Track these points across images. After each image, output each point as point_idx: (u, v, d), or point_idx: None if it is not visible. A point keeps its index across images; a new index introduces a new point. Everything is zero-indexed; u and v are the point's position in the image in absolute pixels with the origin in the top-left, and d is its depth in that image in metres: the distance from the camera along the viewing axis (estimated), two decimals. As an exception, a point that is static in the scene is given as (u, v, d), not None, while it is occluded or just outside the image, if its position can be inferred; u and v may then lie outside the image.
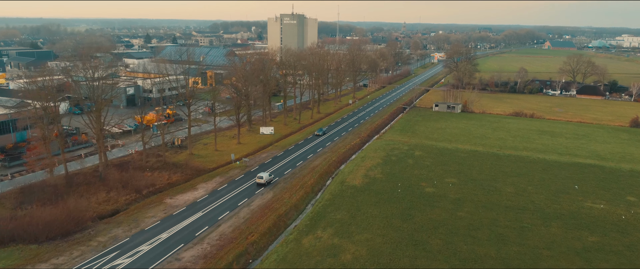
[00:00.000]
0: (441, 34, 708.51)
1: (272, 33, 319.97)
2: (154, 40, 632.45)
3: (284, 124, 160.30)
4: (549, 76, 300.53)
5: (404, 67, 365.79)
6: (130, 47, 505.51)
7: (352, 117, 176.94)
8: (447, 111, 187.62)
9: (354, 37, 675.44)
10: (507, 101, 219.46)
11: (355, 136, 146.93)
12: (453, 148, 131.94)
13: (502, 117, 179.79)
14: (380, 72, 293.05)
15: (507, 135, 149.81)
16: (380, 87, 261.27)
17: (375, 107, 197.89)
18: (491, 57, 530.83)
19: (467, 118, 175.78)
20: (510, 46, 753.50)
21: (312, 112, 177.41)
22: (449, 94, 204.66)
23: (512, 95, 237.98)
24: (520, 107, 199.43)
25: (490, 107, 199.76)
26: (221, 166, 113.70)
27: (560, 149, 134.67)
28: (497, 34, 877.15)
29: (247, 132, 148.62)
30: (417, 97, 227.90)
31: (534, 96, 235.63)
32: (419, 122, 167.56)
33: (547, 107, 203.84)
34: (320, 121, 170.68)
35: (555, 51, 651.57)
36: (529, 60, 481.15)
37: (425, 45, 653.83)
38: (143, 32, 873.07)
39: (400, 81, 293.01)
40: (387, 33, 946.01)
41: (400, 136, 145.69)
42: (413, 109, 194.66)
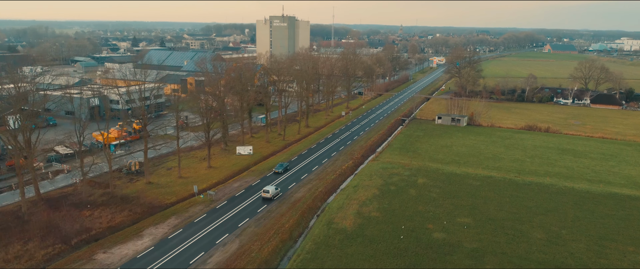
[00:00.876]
0: (439, 37, 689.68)
1: (261, 36, 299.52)
2: (143, 43, 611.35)
3: (266, 142, 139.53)
4: (559, 83, 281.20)
5: (402, 72, 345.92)
6: (115, 51, 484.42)
7: (345, 132, 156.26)
8: (452, 125, 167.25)
9: (350, 40, 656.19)
10: (516, 111, 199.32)
11: (348, 156, 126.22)
12: (462, 173, 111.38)
13: (514, 131, 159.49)
14: (376, 79, 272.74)
15: (523, 155, 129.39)
16: (377, 95, 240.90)
17: (371, 120, 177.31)
18: (492, 61, 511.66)
19: (474, 133, 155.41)
20: (510, 49, 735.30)
21: (300, 126, 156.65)
22: (452, 103, 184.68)
23: (520, 104, 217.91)
24: (532, 119, 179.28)
25: (499, 119, 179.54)
26: (181, 201, 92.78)
27: (589, 173, 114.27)
28: (495, 37, 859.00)
29: (222, 152, 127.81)
30: (417, 106, 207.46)
31: (544, 106, 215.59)
32: (421, 138, 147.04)
33: (561, 119, 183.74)
34: (309, 136, 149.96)
35: (557, 55, 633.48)
36: (531, 64, 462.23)
37: (423, 48, 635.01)
38: (136, 35, 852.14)
39: (398, 87, 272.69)
40: (384, 36, 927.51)
41: (399, 157, 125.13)
42: (413, 121, 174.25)
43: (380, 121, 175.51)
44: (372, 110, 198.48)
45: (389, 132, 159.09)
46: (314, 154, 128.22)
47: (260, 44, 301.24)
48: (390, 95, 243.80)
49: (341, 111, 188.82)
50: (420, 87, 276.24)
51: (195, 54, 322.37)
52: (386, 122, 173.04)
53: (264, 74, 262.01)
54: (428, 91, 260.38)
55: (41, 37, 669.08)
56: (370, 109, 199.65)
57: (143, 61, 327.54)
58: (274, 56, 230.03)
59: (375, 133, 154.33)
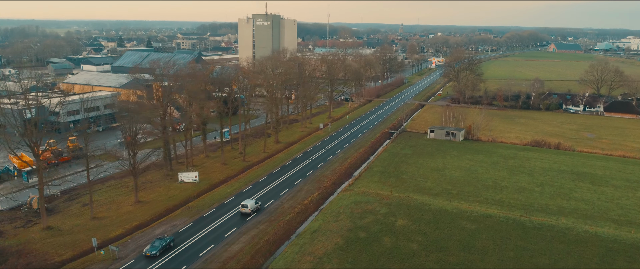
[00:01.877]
0: (439, 36, 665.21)
1: (244, 37, 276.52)
2: (132, 42, 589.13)
3: (222, 164, 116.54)
4: (567, 87, 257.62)
5: (397, 74, 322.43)
6: (99, 51, 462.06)
7: (320, 149, 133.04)
8: (446, 140, 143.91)
9: (347, 39, 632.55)
10: (521, 121, 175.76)
11: (315, 185, 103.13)
12: (455, 211, 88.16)
13: (519, 149, 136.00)
14: (367, 82, 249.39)
15: (530, 182, 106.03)
16: (366, 101, 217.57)
17: (353, 133, 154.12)
18: (494, 61, 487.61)
19: (472, 151, 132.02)
20: (513, 49, 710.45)
21: (265, 143, 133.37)
22: (449, 112, 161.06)
23: (525, 112, 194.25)
24: (539, 132, 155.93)
25: (501, 131, 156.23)
26: (78, 257, 69.96)
27: (614, 210, 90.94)
28: (498, 36, 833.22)
29: (164, 178, 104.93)
30: (408, 116, 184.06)
31: (552, 114, 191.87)
32: (408, 158, 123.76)
33: (572, 131, 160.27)
34: (275, 155, 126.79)
35: (562, 54, 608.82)
36: (536, 65, 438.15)
37: (423, 48, 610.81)
38: (124, 35, 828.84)
39: (391, 92, 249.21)
40: (383, 35, 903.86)
41: (379, 185, 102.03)
42: (402, 135, 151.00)
43: (364, 134, 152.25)
44: (357, 120, 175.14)
45: (372, 150, 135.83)
46: (274, 181, 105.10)
47: (243, 45, 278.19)
48: (381, 101, 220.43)
49: (320, 123, 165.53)
50: (416, 92, 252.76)
51: (174, 55, 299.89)
52: (371, 136, 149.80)
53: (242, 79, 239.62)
54: (423, 97, 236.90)
55: (28, 37, 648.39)
56: (355, 119, 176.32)
57: (118, 63, 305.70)
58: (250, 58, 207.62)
59: (355, 151, 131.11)
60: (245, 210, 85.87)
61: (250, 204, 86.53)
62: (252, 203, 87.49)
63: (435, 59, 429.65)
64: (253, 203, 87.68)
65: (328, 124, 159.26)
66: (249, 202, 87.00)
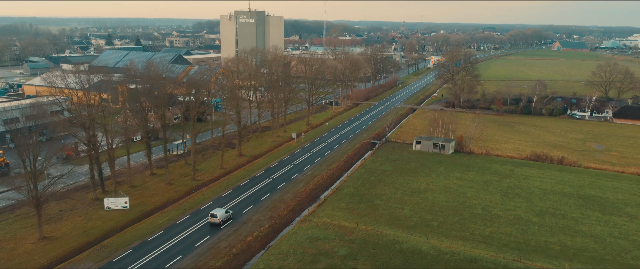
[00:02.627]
0: (440, 34, 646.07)
1: (226, 34, 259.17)
2: (124, 40, 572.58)
3: (167, 183, 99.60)
4: (572, 89, 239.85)
5: (392, 74, 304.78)
6: (85, 50, 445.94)
7: (286, 164, 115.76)
8: (434, 152, 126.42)
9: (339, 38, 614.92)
10: (520, 129, 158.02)
11: (267, 213, 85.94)
12: (431, 252, 70.89)
13: (516, 163, 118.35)
14: (357, 84, 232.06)
15: (527, 210, 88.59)
16: (352, 105, 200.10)
17: (330, 144, 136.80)
18: (495, 60, 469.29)
19: (462, 166, 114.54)
20: (516, 47, 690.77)
21: (223, 157, 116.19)
22: (438, 119, 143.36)
23: (526, 118, 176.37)
24: (540, 143, 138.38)
25: (497, 141, 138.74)
26: None
27: (631, 251, 73.46)
28: (501, 34, 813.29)
29: (91, 204, 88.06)
30: (396, 122, 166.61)
31: (556, 121, 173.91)
32: (387, 176, 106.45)
33: (578, 142, 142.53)
34: (233, 173, 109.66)
35: (566, 53, 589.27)
36: (539, 64, 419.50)
37: (424, 46, 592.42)
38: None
39: (382, 94, 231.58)
40: (384, 33, 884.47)
41: (345, 213, 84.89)
42: (385, 146, 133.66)
43: (342, 145, 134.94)
44: (338, 128, 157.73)
45: (348, 165, 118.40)
46: (220, 206, 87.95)
47: (225, 43, 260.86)
48: (369, 105, 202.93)
49: (292, 133, 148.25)
50: (409, 94, 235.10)
51: (153, 55, 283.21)
52: (349, 147, 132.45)
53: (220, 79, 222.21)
54: (416, 99, 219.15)
55: (20, 34, 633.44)
56: (335, 127, 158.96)
57: (96, 63, 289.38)
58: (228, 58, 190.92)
59: (326, 167, 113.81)
60: (215, 220, 79.73)
61: (219, 214, 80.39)
62: (222, 212, 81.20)
63: (434, 58, 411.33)
64: (223, 212, 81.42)
65: (302, 134, 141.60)
66: (218, 212, 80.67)
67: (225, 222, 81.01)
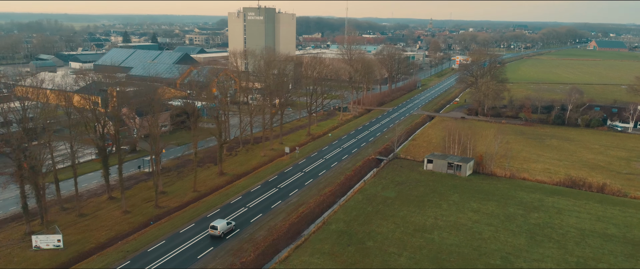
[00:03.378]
0: (468, 32, 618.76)
1: (234, 32, 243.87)
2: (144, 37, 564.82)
3: (123, 212, 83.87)
4: (612, 96, 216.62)
5: (412, 76, 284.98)
6: (100, 47, 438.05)
7: (270, 188, 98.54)
8: (448, 173, 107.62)
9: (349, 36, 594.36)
10: (552, 143, 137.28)
11: (228, 258, 68.98)
12: (428, 331, 52.79)
13: (547, 191, 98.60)
14: (372, 87, 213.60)
15: (561, 260, 69.47)
16: (364, 111, 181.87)
17: (328, 160, 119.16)
18: (526, 60, 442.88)
19: (480, 194, 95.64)
20: (549, 46, 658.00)
21: (196, 177, 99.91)
22: (457, 130, 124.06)
23: (559, 130, 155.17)
24: (576, 162, 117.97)
25: (524, 159, 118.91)
26: None
27: None
28: (533, 32, 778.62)
29: (22, 240, 72.96)
30: (409, 133, 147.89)
31: (594, 133, 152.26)
32: (388, 205, 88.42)
33: (621, 161, 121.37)
34: (205, 198, 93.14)
35: (603, 53, 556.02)
36: (573, 65, 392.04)
37: (451, 44, 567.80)
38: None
39: (398, 99, 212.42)
40: (410, 31, 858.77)
41: (326, 260, 67.65)
42: (393, 164, 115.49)
43: (342, 162, 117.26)
44: (342, 139, 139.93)
45: (344, 189, 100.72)
46: (172, 250, 71.47)
47: (233, 42, 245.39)
48: (383, 111, 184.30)
49: (293, 144, 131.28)
50: (429, 99, 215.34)
51: (160, 54, 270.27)
52: (350, 165, 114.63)
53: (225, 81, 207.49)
54: (436, 105, 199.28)
55: (43, 31, 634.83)
56: (340, 138, 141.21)
57: (101, 61, 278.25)
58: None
59: (318, 191, 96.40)
60: (215, 232, 74.93)
61: (220, 226, 75.48)
62: (224, 223, 76.25)
63: (460, 58, 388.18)
64: (225, 223, 76.46)
65: (296, 148, 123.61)
66: (219, 223, 75.79)
67: (226, 234, 76.01)
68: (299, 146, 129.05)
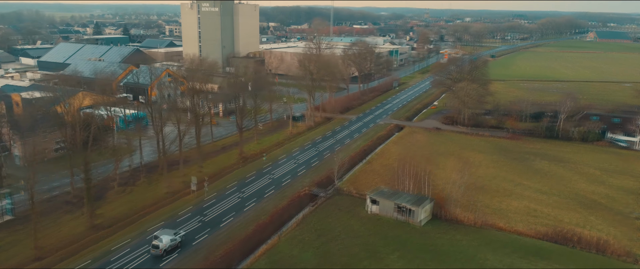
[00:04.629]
0: (459, 24, 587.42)
1: (187, 26, 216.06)
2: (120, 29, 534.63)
3: None
4: (613, 98, 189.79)
5: (392, 73, 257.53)
6: (67, 40, 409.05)
7: (142, 246, 71.80)
8: (398, 220, 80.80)
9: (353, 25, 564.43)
10: (540, 167, 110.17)
11: None
12: None
13: (525, 249, 71.93)
14: (336, 90, 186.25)
15: None
16: (322, 120, 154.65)
17: (249, 195, 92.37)
18: (523, 52, 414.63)
19: (434, 257, 69.05)
20: (547, 37, 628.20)
21: (35, 235, 73.11)
22: (424, 149, 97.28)
23: (549, 145, 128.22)
24: (568, 197, 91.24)
25: (502, 195, 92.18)
26: None
27: None
28: (532, 22, 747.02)
29: None
30: (365, 153, 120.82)
31: (591, 150, 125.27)
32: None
33: (628, 198, 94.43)
34: (43, 259, 66.51)
35: (604, 44, 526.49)
36: (571, 58, 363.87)
37: (443, 35, 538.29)
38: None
39: (369, 102, 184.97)
40: (405, 21, 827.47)
41: None
42: (331, 201, 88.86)
43: (262, 200, 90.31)
44: (279, 162, 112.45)
45: (246, 250, 73.28)
46: None
47: (187, 37, 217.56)
48: (346, 119, 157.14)
49: (216, 168, 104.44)
50: (404, 101, 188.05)
51: (109, 49, 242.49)
52: (271, 205, 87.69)
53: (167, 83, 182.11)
54: (410, 111, 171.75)
55: (23, 22, 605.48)
56: (276, 161, 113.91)
57: (46, 58, 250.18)
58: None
59: (206, 257, 69.57)
60: (156, 250, 67.20)
61: (165, 239, 68.18)
62: (168, 238, 68.74)
63: (449, 51, 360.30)
64: (170, 237, 69.06)
65: (205, 183, 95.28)
66: (164, 236, 68.64)
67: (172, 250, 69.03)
68: (223, 172, 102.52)
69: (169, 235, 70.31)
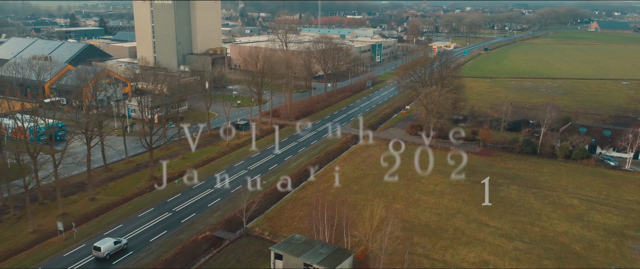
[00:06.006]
0: (453, 14, 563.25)
1: (140, 20, 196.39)
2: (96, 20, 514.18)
3: None
4: (609, 99, 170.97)
5: (371, 70, 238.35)
6: (38, 32, 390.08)
7: None
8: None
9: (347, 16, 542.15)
10: (508, 195, 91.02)
11: None
12: None
13: None
14: (291, 91, 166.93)
15: None
16: (271, 128, 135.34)
17: (138, 235, 73.94)
18: (518, 45, 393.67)
19: None
20: (547, 27, 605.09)
21: None
22: (388, 157, 77.83)
23: (527, 163, 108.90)
24: (536, 242, 72.43)
25: (451, 239, 73.36)
26: None
27: None
28: (533, 12, 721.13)
29: None
30: (304, 174, 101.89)
31: (575, 171, 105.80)
32: None
33: (610, 242, 75.34)
34: None
35: (605, 35, 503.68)
36: (570, 50, 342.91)
37: (438, 27, 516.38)
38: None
39: (332, 106, 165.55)
40: (400, 11, 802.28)
41: None
42: (235, 248, 70.42)
43: (149, 247, 71.79)
44: (195, 188, 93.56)
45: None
46: None
47: (140, 33, 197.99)
48: (299, 127, 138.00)
49: (114, 197, 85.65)
50: (373, 105, 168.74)
51: (60, 45, 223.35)
52: (152, 257, 69.11)
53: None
54: (377, 117, 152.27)
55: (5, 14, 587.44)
56: (192, 186, 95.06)
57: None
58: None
59: None
60: (98, 253, 66.24)
61: (104, 246, 66.85)
62: (110, 243, 67.83)
63: (438, 44, 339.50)
64: (111, 242, 67.97)
65: (73, 227, 75.70)
66: (103, 243, 67.32)
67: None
68: (117, 203, 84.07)
69: (112, 240, 68.85)
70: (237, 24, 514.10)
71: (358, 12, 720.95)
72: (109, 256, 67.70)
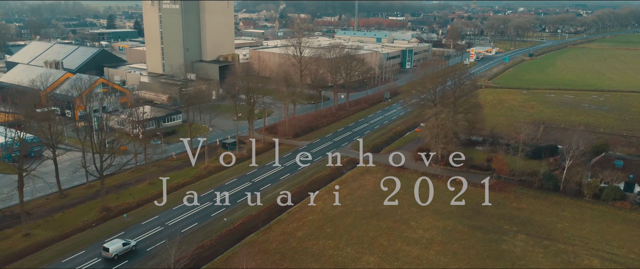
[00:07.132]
0: (497, 16, 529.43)
1: (149, 26, 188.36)
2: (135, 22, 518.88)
3: None
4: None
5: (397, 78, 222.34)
6: (75, 34, 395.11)
7: None
8: None
9: (389, 17, 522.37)
10: (511, 249, 74.21)
11: None
12: None
13: None
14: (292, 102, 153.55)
15: None
16: (266, 145, 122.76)
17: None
18: (570, 49, 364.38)
19: None
20: (606, 30, 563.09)
21: None
22: (380, 190, 63.79)
23: (544, 203, 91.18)
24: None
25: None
26: None
27: None
28: (592, 13, 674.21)
29: None
30: (278, 208, 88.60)
31: (603, 217, 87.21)
32: None
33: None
34: None
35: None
36: (626, 57, 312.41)
37: (482, 30, 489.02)
38: None
39: (341, 121, 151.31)
40: (446, 13, 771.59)
41: None
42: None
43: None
44: (145, 223, 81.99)
45: None
46: None
47: (150, 38, 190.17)
48: (294, 146, 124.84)
49: (53, 233, 75.74)
50: (385, 120, 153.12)
51: (75, 49, 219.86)
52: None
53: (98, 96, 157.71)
54: (386, 135, 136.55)
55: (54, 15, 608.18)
56: (144, 220, 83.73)
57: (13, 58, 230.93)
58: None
59: None
60: (107, 253, 67.76)
61: (112, 248, 68.25)
62: (119, 244, 69.22)
63: (479, 50, 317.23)
64: (120, 244, 69.36)
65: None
66: (112, 245, 68.65)
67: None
68: (63, 237, 74.03)
69: (120, 241, 70.23)
70: (275, 26, 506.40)
71: (401, 13, 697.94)
72: (117, 257, 69.03)
